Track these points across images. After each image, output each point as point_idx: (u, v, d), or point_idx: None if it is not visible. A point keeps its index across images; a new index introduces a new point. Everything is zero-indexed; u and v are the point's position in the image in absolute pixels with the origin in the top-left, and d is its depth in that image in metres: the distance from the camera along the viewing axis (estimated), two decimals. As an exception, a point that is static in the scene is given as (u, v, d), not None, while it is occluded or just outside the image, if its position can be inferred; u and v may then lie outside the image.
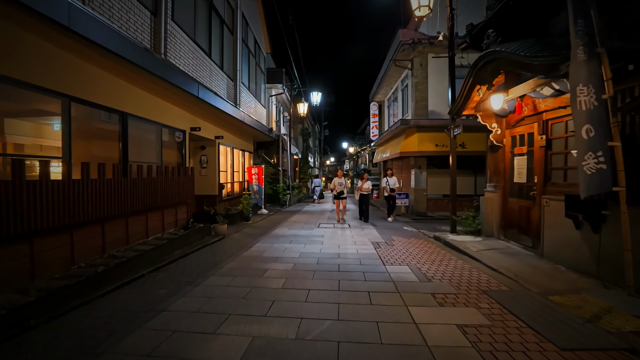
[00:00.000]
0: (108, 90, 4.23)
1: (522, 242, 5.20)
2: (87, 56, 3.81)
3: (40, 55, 3.27)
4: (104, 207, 4.01)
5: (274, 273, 3.86)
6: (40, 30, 3.16)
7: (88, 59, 3.85)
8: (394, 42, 11.63)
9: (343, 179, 9.34)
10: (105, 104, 4.18)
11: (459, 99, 5.60)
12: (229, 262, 4.42)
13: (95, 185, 3.87)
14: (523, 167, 5.17)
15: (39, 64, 3.25)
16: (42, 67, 3.28)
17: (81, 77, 3.80)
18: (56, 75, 3.45)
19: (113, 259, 3.99)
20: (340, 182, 9.08)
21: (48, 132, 4.04)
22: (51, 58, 3.38)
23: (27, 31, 3.09)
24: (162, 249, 4.81)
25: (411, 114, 11.55)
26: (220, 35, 8.29)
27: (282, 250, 5.17)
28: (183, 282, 3.55)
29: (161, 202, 5.32)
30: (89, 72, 3.93)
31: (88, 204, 3.76)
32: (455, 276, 3.82)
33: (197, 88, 6.08)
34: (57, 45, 3.42)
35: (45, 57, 3.32)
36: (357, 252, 5.08)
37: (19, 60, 3.05)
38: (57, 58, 3.47)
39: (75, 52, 3.65)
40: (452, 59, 6.78)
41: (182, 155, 6.48)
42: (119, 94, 4.44)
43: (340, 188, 8.98)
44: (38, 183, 3.13)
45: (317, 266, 4.19)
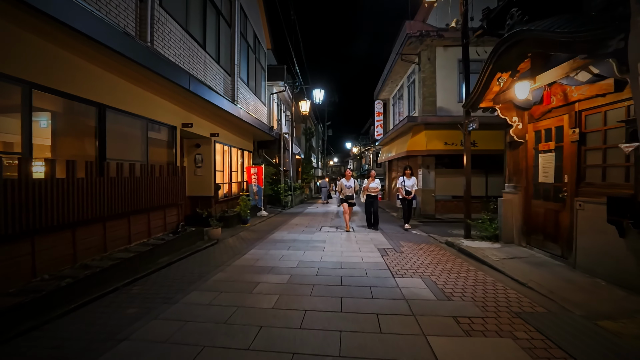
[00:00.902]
0: (81, 78, 3.74)
1: (548, 250, 4.61)
2: (54, 38, 3.33)
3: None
4: (74, 210, 3.52)
5: (266, 287, 3.34)
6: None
7: (54, 41, 3.37)
8: (400, 35, 11.07)
9: (352, 180, 7.52)
10: (77, 93, 3.69)
11: (475, 90, 5.02)
12: (218, 272, 3.90)
13: (63, 186, 3.38)
14: (550, 166, 4.59)
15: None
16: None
17: (46, 61, 3.31)
18: (14, 59, 2.98)
19: (84, 270, 3.50)
20: (349, 184, 7.39)
21: (5, 125, 3.49)
22: (6, 38, 2.90)
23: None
24: (145, 256, 4.32)
25: (418, 110, 10.98)
26: (217, 27, 7.81)
27: (278, 258, 4.65)
28: (159, 298, 3.04)
29: (147, 204, 4.83)
30: (57, 57, 3.44)
31: (54, 206, 3.27)
32: (478, 292, 3.25)
33: (187, 80, 5.60)
34: (13, 23, 2.94)
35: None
36: (362, 260, 4.53)
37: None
38: (15, 38, 2.98)
39: (39, 32, 3.17)
40: (466, 47, 6.20)
41: (173, 153, 5.99)
42: (94, 84, 3.95)
43: (349, 192, 7.40)
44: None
45: (317, 278, 3.65)
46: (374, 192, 7.49)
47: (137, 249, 4.45)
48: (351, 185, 7.40)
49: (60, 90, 3.50)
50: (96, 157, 4.04)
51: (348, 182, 7.44)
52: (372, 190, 7.49)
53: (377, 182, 7.59)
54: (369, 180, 7.58)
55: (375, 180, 7.55)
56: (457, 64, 10.62)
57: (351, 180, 7.48)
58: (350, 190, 7.40)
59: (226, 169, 8.97)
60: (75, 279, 3.23)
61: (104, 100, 4.11)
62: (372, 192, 7.49)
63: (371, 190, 7.49)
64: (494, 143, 9.44)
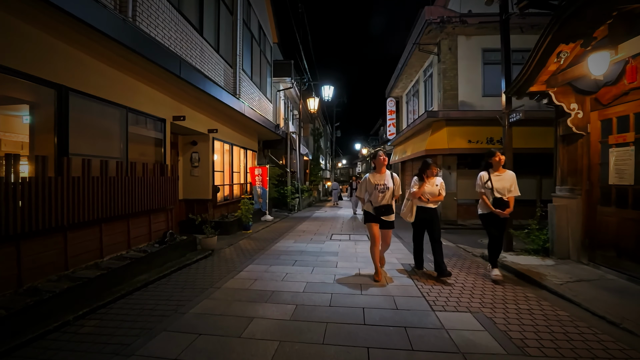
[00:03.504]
0: (31, 51, 2.95)
1: (626, 270, 3.60)
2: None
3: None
4: (18, 218, 2.72)
5: (262, 327, 2.44)
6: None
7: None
8: (418, 23, 10.12)
9: (389, 176, 3.73)
10: (25, 70, 2.90)
11: (524, 70, 4.06)
12: (202, 299, 3.03)
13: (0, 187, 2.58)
14: (627, 163, 3.59)
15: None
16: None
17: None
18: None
19: (28, 297, 2.68)
20: (384, 185, 3.64)
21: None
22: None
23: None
24: (117, 274, 3.49)
25: (437, 106, 9.99)
26: (216, 12, 7.03)
27: (281, 277, 3.75)
28: (112, 343, 2.19)
29: (125, 209, 4.03)
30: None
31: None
32: (559, 339, 2.30)
33: (178, 65, 4.80)
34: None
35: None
36: (386, 282, 3.60)
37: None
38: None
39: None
40: (506, 23, 5.22)
41: (162, 150, 5.19)
42: (52, 60, 3.16)
43: (383, 198, 3.63)
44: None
45: (331, 312, 2.74)
46: (433, 201, 3.83)
47: (109, 264, 3.63)
48: (388, 185, 3.62)
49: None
50: (54, 152, 3.23)
51: (382, 179, 3.64)
52: (429, 199, 3.82)
53: (438, 181, 3.91)
54: (427, 179, 3.86)
55: (436, 179, 3.92)
56: (481, 54, 9.63)
57: (387, 175, 3.69)
58: (385, 194, 3.61)
59: (227, 170, 8.17)
60: (9, 312, 2.42)
61: (65, 80, 3.31)
62: (430, 201, 3.82)
63: (429, 197, 3.82)
64: (528, 140, 8.42)
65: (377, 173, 3.73)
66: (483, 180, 3.76)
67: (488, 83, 9.52)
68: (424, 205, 3.85)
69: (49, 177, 3.02)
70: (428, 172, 3.87)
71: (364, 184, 3.79)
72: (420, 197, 3.85)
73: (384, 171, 3.74)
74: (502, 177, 3.69)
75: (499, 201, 3.62)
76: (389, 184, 3.64)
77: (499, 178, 3.69)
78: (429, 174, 3.87)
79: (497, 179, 3.69)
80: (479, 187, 3.79)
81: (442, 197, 3.90)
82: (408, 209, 3.96)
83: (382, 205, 3.61)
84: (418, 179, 3.92)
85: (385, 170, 3.74)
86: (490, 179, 3.71)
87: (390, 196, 3.64)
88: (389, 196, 3.64)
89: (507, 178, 3.69)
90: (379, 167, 3.74)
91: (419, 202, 3.88)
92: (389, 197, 3.64)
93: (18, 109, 4.31)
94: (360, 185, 3.84)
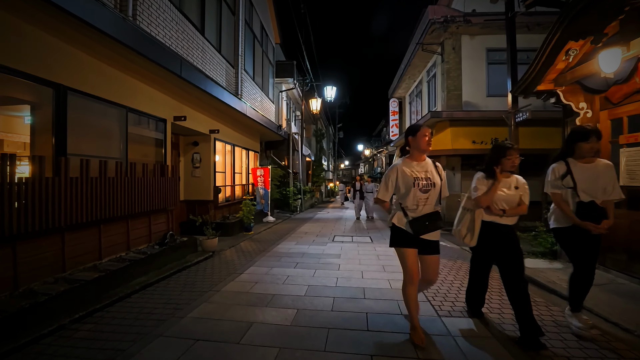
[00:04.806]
0: (27, 49, 2.91)
1: (637, 274, 3.49)
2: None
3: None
4: (15, 219, 2.67)
5: (261, 333, 2.37)
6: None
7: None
8: (421, 23, 10.05)
9: (431, 166, 2.29)
10: (22, 68, 2.85)
11: (532, 68, 3.97)
12: (201, 302, 2.96)
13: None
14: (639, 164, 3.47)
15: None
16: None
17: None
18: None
19: (24, 299, 2.63)
20: (425, 180, 2.20)
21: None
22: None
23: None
24: (114, 277, 3.43)
25: (441, 106, 9.89)
26: (218, 12, 7.00)
27: (282, 280, 3.68)
28: (106, 349, 2.12)
29: (124, 210, 3.97)
30: None
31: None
32: (571, 347, 2.20)
33: (179, 65, 4.75)
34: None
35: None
36: (391, 285, 3.51)
37: None
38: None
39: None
40: (512, 21, 5.12)
41: (162, 150, 5.14)
42: (50, 58, 3.11)
43: (426, 201, 2.20)
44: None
45: (333, 317, 2.66)
46: (510, 214, 2.37)
47: (108, 266, 3.58)
48: (434, 179, 2.23)
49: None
50: (52, 152, 3.18)
51: (424, 170, 2.25)
52: (506, 210, 2.36)
53: (520, 182, 2.42)
54: (500, 176, 2.33)
55: (514, 178, 2.41)
56: (485, 54, 9.53)
57: (429, 163, 2.31)
58: (429, 195, 2.22)
59: (229, 170, 8.12)
60: (3, 315, 2.36)
61: (64, 80, 3.26)
62: (506, 214, 2.36)
63: (504, 206, 2.37)
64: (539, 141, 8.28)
65: (415, 160, 2.26)
66: (557, 174, 2.42)
67: (492, 83, 9.41)
68: (496, 220, 2.36)
69: (46, 177, 2.97)
70: (505, 162, 2.30)
71: (390, 177, 2.27)
72: (489, 207, 2.33)
73: (425, 158, 2.30)
74: (592, 170, 2.32)
75: (588, 207, 2.28)
76: (434, 179, 2.20)
77: (586, 170, 2.32)
78: (505, 165, 2.30)
79: (584, 172, 2.32)
80: (551, 184, 2.44)
81: (524, 208, 2.36)
82: (466, 225, 2.44)
83: (425, 214, 2.16)
84: (485, 175, 2.40)
85: (426, 157, 2.32)
86: (570, 172, 2.34)
87: (436, 198, 2.21)
88: (435, 198, 2.20)
89: (601, 170, 2.31)
90: (420, 149, 2.22)
91: (488, 215, 2.38)
92: (435, 199, 2.21)
93: (20, 110, 4.28)
94: (386, 181, 2.29)
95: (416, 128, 2.26)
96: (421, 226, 2.15)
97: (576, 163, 2.39)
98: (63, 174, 3.15)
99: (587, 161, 2.38)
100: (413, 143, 2.26)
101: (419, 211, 2.19)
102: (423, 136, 2.21)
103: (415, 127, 2.28)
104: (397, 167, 2.28)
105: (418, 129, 2.25)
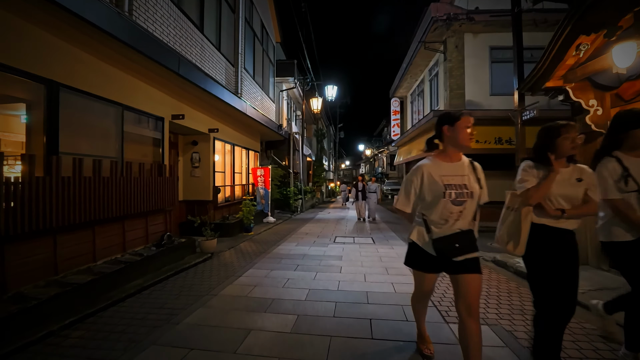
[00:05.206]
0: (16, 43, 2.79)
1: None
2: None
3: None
4: (0, 220, 2.55)
5: (259, 341, 2.24)
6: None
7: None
8: (424, 21, 9.92)
9: (468, 168, 1.74)
10: (10, 63, 2.74)
11: (540, 64, 3.84)
12: (198, 307, 2.84)
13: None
14: (654, 163, 3.33)
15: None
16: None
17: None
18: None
19: (12, 304, 2.51)
20: (460, 188, 1.67)
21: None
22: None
23: None
24: (111, 279, 3.32)
25: (443, 105, 9.77)
26: (217, 10, 6.89)
27: (282, 283, 3.55)
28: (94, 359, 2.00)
29: (120, 211, 3.86)
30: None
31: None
32: (589, 357, 2.07)
33: (177, 62, 4.64)
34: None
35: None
36: (394, 289, 3.38)
37: None
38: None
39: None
40: (518, 16, 4.99)
41: (160, 150, 5.02)
42: (41, 53, 3.00)
43: (459, 215, 1.68)
44: None
45: (335, 323, 2.53)
46: (573, 215, 1.76)
47: (102, 268, 3.46)
48: (471, 187, 1.70)
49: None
50: (43, 150, 3.07)
51: (459, 174, 1.71)
52: (566, 211, 1.75)
53: (586, 174, 1.80)
54: (557, 164, 1.75)
55: (578, 168, 1.80)
56: (488, 52, 9.41)
57: (465, 164, 1.76)
58: (464, 207, 1.68)
59: (228, 170, 8.00)
60: (-10, 321, 2.25)
61: (56, 76, 3.15)
62: (567, 214, 1.75)
63: (563, 204, 1.77)
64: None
65: (447, 160, 1.74)
66: (615, 176, 1.88)
67: (496, 82, 9.29)
68: (554, 224, 1.77)
69: (36, 177, 2.86)
70: (562, 144, 1.74)
71: (413, 182, 1.74)
72: (541, 206, 1.77)
73: (461, 157, 1.77)
74: None
75: None
76: (472, 186, 1.68)
77: None
78: (562, 148, 1.75)
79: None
80: (613, 188, 1.87)
81: (593, 207, 1.79)
82: (510, 228, 1.83)
83: (455, 233, 1.66)
84: (534, 164, 1.85)
85: (462, 156, 1.78)
86: (629, 173, 1.84)
87: (473, 212, 1.71)
88: (472, 212, 1.71)
89: None
90: (458, 145, 1.71)
91: (542, 218, 1.79)
92: (472, 213, 1.71)
93: (17, 108, 4.18)
94: (406, 186, 1.77)
95: (456, 116, 1.71)
96: (448, 248, 1.63)
97: (628, 158, 1.87)
98: (55, 173, 3.03)
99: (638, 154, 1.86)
100: (449, 136, 1.71)
101: (448, 228, 1.66)
102: (464, 127, 1.66)
103: (454, 114, 1.73)
104: (422, 169, 1.73)
105: (458, 117, 1.70)
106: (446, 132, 1.72)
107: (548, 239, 1.78)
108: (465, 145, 1.69)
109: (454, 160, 1.74)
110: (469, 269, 1.66)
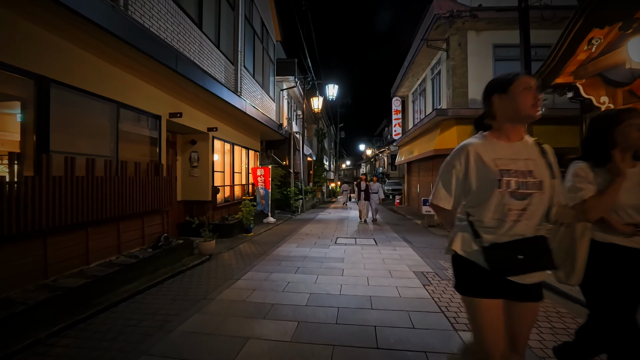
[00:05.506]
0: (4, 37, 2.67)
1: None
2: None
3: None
4: (-14, 222, 2.43)
5: (257, 351, 2.11)
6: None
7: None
8: (426, 19, 9.80)
9: (534, 151, 1.23)
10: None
11: (550, 59, 3.70)
12: (193, 313, 2.72)
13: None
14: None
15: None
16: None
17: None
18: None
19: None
20: (523, 175, 1.18)
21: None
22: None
23: None
24: (104, 282, 3.20)
25: (446, 103, 9.64)
26: (216, 6, 6.77)
27: (282, 287, 3.42)
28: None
29: (114, 211, 3.73)
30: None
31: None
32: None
33: (174, 59, 4.52)
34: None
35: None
36: (399, 293, 3.25)
37: None
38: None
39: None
40: (525, 12, 4.84)
41: (157, 149, 4.90)
42: (30, 48, 2.88)
43: (521, 214, 1.17)
44: None
45: (338, 330, 2.40)
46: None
47: (95, 271, 3.34)
48: (538, 174, 1.19)
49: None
50: (33, 149, 2.94)
51: (519, 158, 1.21)
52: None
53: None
54: (622, 161, 1.36)
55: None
56: (492, 50, 9.26)
57: (530, 146, 1.25)
58: (529, 203, 1.18)
59: (228, 170, 7.88)
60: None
61: (46, 71, 3.02)
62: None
63: (632, 209, 1.37)
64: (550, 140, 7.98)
65: (503, 139, 1.26)
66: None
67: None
68: (629, 244, 1.38)
69: (25, 176, 2.74)
70: (627, 134, 1.37)
71: (455, 167, 1.28)
72: (605, 219, 1.40)
73: (523, 135, 1.28)
74: None
75: None
76: (540, 173, 1.20)
77: None
78: (627, 143, 1.38)
79: None
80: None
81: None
82: (558, 250, 1.40)
83: (518, 239, 1.18)
84: (591, 164, 1.46)
85: (525, 134, 1.28)
86: None
87: (543, 210, 1.22)
88: (542, 210, 1.22)
89: None
90: (518, 116, 1.22)
91: (607, 234, 1.42)
92: (541, 212, 1.22)
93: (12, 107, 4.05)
94: (446, 174, 1.30)
95: (509, 79, 1.23)
96: (509, 260, 1.15)
97: None
98: (45, 173, 2.91)
99: None
100: (502, 106, 1.24)
101: (506, 231, 1.19)
102: (524, 90, 1.19)
103: (507, 77, 1.24)
104: (467, 149, 1.26)
105: (511, 79, 1.22)
106: (496, 103, 1.25)
107: (620, 263, 1.35)
108: (527, 115, 1.18)
109: (512, 140, 1.24)
110: (528, 297, 1.21)
